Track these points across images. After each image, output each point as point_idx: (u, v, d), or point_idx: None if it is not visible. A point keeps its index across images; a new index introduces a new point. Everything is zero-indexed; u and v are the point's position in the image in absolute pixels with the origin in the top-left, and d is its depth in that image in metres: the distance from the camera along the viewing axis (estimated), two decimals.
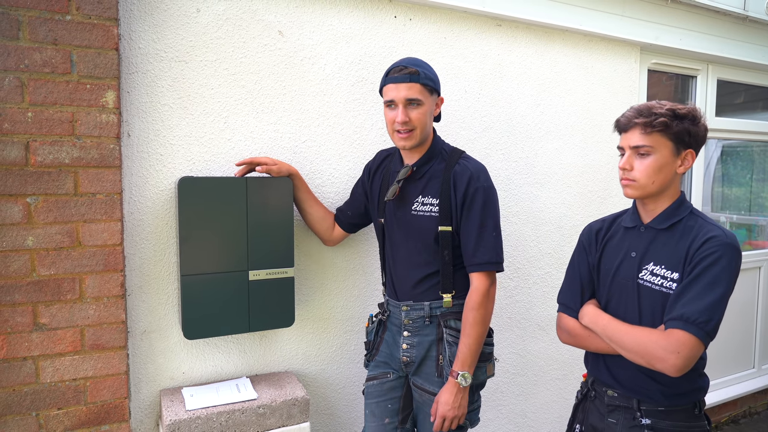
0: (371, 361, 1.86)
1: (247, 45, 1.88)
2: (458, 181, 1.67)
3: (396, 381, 1.80)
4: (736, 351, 3.59)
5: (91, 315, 1.63)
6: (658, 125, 1.40)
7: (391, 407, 1.80)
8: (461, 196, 1.66)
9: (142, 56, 1.73)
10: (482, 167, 1.72)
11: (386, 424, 1.79)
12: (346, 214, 1.94)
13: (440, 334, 1.71)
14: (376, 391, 1.82)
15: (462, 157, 1.74)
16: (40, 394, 1.59)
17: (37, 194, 1.54)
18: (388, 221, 1.79)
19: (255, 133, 1.91)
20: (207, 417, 1.68)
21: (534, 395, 2.65)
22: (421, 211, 1.71)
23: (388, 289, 1.84)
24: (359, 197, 1.92)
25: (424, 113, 1.64)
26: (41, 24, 1.51)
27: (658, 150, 1.41)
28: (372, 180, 1.89)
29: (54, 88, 1.53)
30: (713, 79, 3.18)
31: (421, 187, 1.73)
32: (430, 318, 1.72)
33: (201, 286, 1.74)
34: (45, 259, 1.56)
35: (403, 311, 1.75)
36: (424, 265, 1.72)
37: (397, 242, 1.78)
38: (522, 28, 2.43)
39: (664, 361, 1.31)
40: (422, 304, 1.73)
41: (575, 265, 1.64)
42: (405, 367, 1.77)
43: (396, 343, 1.78)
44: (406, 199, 1.74)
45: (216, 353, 1.91)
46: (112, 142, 1.61)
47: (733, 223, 3.74)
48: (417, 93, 1.62)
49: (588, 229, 1.65)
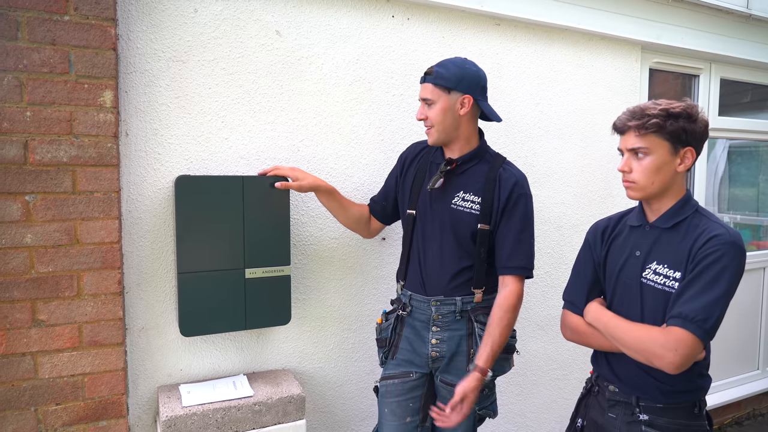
0: (391, 359, 1.83)
1: (244, 45, 1.89)
2: (503, 184, 1.71)
3: (419, 380, 1.79)
4: (740, 352, 3.56)
5: (89, 312, 1.65)
6: (651, 126, 1.40)
7: (412, 406, 1.79)
8: (505, 199, 1.70)
9: (141, 56, 1.75)
10: (525, 176, 1.78)
11: (407, 423, 1.78)
12: (381, 204, 1.94)
13: (471, 329, 1.73)
14: (396, 390, 1.80)
15: (506, 163, 1.79)
16: (38, 389, 1.61)
17: (36, 192, 1.56)
18: (422, 213, 1.79)
19: (252, 133, 1.93)
20: (203, 413, 1.69)
21: (534, 395, 2.65)
22: (461, 206, 1.73)
23: (413, 283, 1.81)
24: (393, 188, 1.92)
25: (437, 112, 1.68)
26: (39, 24, 1.53)
27: (654, 151, 1.41)
28: (407, 170, 1.88)
29: (52, 87, 1.56)
30: (716, 79, 3.16)
31: (463, 183, 1.74)
32: (461, 313, 1.73)
33: (198, 283, 1.76)
34: (43, 257, 1.58)
35: (433, 306, 1.74)
36: (458, 259, 1.73)
37: (430, 235, 1.77)
38: (521, 27, 2.43)
39: (662, 358, 1.31)
40: (454, 299, 1.73)
41: (581, 263, 1.65)
42: (432, 362, 1.76)
43: (422, 339, 1.77)
44: (446, 192, 1.75)
45: (213, 350, 1.93)
46: (110, 141, 1.63)
47: (737, 223, 3.71)
48: (428, 93, 1.69)
49: (594, 228, 1.66)
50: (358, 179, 2.12)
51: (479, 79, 1.71)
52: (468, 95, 1.69)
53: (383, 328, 1.85)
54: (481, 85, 1.73)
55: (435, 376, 1.78)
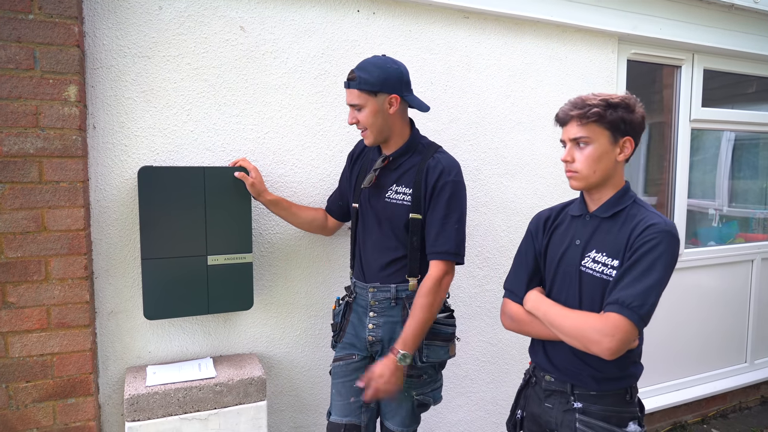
0: (338, 343, 1.93)
1: (208, 40, 1.96)
2: (430, 173, 1.75)
3: (361, 362, 1.87)
4: (728, 345, 3.54)
5: (56, 295, 1.74)
6: (592, 116, 1.44)
7: (356, 387, 1.86)
8: (431, 187, 1.75)
9: (107, 52, 1.83)
10: (455, 162, 1.80)
11: (351, 403, 1.86)
12: (337, 203, 2.04)
13: (405, 315, 1.78)
14: (342, 371, 1.89)
15: (437, 151, 1.82)
16: (9, 367, 1.71)
17: (4, 182, 1.66)
18: (363, 207, 1.88)
19: (218, 125, 2.00)
20: (164, 393, 1.78)
21: (505, 383, 2.69)
22: (394, 199, 1.79)
23: (356, 271, 1.92)
24: (346, 187, 2.01)
25: (368, 115, 1.73)
26: (5, 23, 1.62)
27: (595, 140, 1.45)
28: (353, 166, 1.99)
29: (18, 83, 1.65)
30: (699, 69, 3.13)
31: (396, 177, 1.81)
32: (395, 300, 1.80)
33: (161, 269, 1.84)
34: (12, 242, 1.68)
35: (370, 293, 1.82)
36: (393, 249, 1.80)
37: (369, 227, 1.86)
38: (491, 19, 2.46)
39: (599, 343, 1.34)
40: (389, 286, 1.80)
41: (522, 252, 1.69)
42: (371, 346, 1.84)
43: (362, 324, 1.85)
44: (381, 187, 1.82)
45: (181, 334, 2.02)
46: (75, 133, 1.72)
47: (723, 215, 3.68)
48: (355, 98, 1.73)
49: (537, 218, 1.70)
50: (324, 170, 2.18)
51: (401, 75, 1.75)
52: (394, 94, 1.73)
53: (335, 313, 1.94)
54: (405, 80, 1.77)
55: (376, 360, 1.84)
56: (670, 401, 3.24)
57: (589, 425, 1.47)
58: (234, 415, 1.86)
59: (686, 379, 3.37)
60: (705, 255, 3.37)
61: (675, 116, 3.18)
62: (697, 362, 3.42)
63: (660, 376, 3.28)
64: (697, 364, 3.43)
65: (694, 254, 3.31)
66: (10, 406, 1.72)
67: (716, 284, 3.45)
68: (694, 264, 3.31)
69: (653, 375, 3.23)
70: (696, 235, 3.59)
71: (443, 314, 1.83)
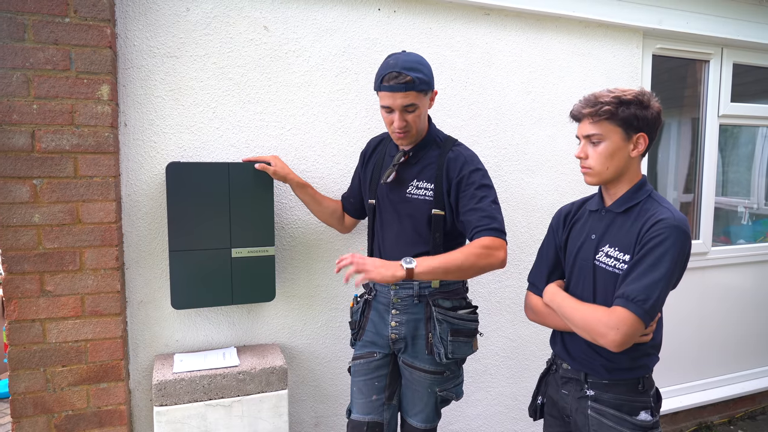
0: (358, 341, 1.93)
1: (233, 40, 2.03)
2: (452, 166, 1.75)
3: (382, 360, 1.87)
4: (758, 345, 3.46)
5: (90, 284, 1.83)
6: (604, 113, 1.45)
7: (378, 384, 1.88)
8: (456, 180, 1.73)
9: (137, 53, 1.91)
10: (474, 153, 1.80)
11: (374, 401, 1.87)
12: (350, 201, 2.06)
13: (429, 313, 1.78)
14: (362, 370, 1.90)
15: (455, 145, 1.82)
16: (47, 352, 1.81)
17: (42, 177, 1.75)
18: (381, 202, 1.87)
19: (242, 122, 2.07)
20: (191, 379, 1.86)
21: (525, 379, 2.69)
22: (416, 194, 1.79)
23: None
24: (357, 185, 2.04)
25: (419, 115, 1.72)
26: (43, 26, 1.71)
27: (607, 137, 1.47)
28: (366, 165, 1.99)
29: (55, 83, 1.74)
30: (728, 64, 3.06)
31: (416, 172, 1.81)
32: (418, 297, 1.79)
33: (187, 261, 1.92)
34: (50, 234, 1.78)
35: (392, 290, 1.81)
36: (413, 245, 1.79)
37: (388, 223, 1.85)
38: (512, 16, 2.46)
39: (605, 336, 1.37)
40: (411, 283, 1.78)
41: (544, 246, 1.73)
42: (393, 344, 1.84)
43: (383, 322, 1.85)
44: (401, 182, 1.82)
45: (207, 324, 2.09)
46: (107, 130, 1.80)
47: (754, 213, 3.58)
48: (413, 99, 1.68)
49: (558, 213, 1.73)
50: (344, 165, 2.23)
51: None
52: (435, 90, 1.77)
53: (354, 311, 1.95)
54: None
55: (398, 358, 1.86)
56: (696, 401, 3.19)
57: (601, 412, 1.50)
58: (256, 403, 1.93)
59: (713, 379, 3.31)
60: (734, 253, 3.30)
61: (703, 112, 3.12)
62: (724, 362, 3.35)
63: (686, 375, 3.23)
64: (725, 364, 3.36)
65: (722, 252, 3.25)
66: (48, 388, 1.82)
67: (746, 283, 3.37)
68: (723, 262, 3.25)
69: (678, 374, 3.18)
70: (726, 233, 3.51)
71: (466, 310, 1.82)
